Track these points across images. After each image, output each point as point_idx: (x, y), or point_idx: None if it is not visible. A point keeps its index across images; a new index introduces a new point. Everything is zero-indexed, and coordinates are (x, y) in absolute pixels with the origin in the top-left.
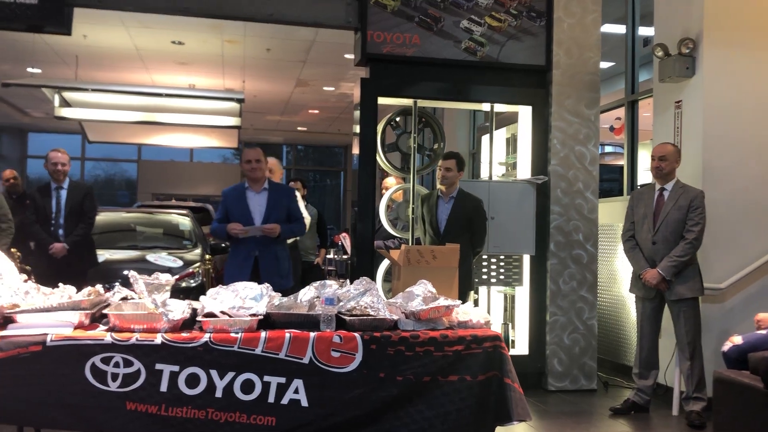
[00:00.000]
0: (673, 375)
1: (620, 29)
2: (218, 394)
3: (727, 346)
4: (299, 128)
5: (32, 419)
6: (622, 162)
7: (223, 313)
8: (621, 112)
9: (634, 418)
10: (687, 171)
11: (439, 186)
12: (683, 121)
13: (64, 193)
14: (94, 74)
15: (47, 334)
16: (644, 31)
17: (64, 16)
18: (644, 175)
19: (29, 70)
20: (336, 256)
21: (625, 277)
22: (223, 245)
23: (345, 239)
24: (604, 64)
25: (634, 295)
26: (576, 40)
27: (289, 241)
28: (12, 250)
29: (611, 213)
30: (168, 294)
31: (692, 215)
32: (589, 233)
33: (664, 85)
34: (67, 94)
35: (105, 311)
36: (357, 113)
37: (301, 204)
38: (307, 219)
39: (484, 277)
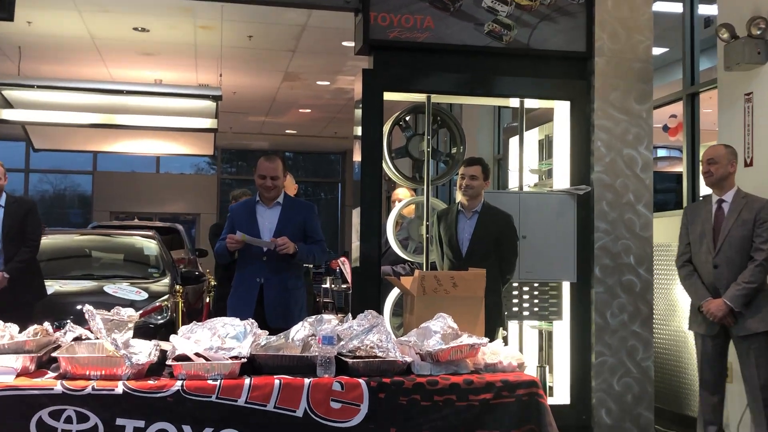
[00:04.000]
0: (748, 428)
1: (676, 7)
2: None
3: None
4: (288, 131)
5: None
6: (680, 168)
7: (198, 355)
8: (678, 107)
9: None
10: (759, 178)
11: (459, 199)
12: (755, 117)
13: (1, 212)
14: (41, 68)
15: None
16: (705, 9)
17: None
18: None
19: None
20: (334, 286)
21: (687, 307)
22: (196, 273)
23: (344, 264)
24: (657, 50)
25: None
26: (623, 21)
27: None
28: None
29: (668, 230)
30: (131, 333)
31: (760, 231)
32: (642, 255)
33: (730, 74)
34: (8, 93)
35: (54, 354)
36: (358, 112)
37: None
38: None
39: (515, 309)
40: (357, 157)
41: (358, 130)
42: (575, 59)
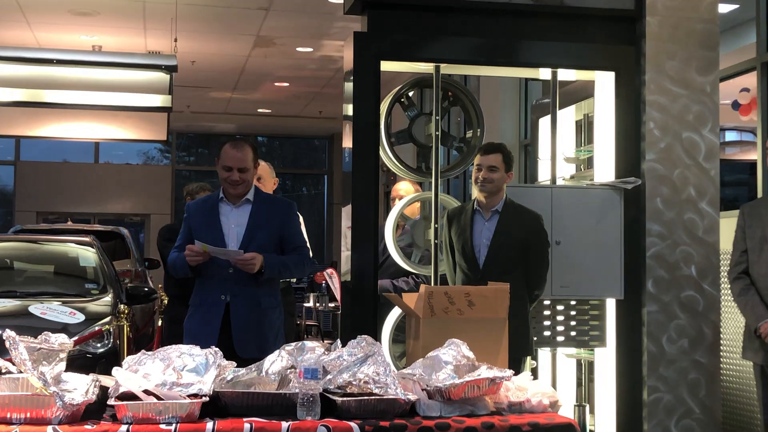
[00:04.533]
0: None
1: None
2: None
3: None
4: (260, 110)
5: None
6: (754, 156)
7: (148, 393)
8: (751, 79)
9: None
10: None
11: (475, 195)
12: None
13: None
14: None
15: None
16: None
17: None
18: None
19: None
20: (319, 305)
21: None
22: (146, 289)
23: (332, 278)
24: (725, 7)
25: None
26: None
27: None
28: None
29: None
30: (63, 365)
31: None
32: (706, 265)
33: None
34: None
35: None
36: (349, 86)
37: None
38: None
39: (547, 334)
40: (347, 142)
41: (349, 109)
42: (622, 19)
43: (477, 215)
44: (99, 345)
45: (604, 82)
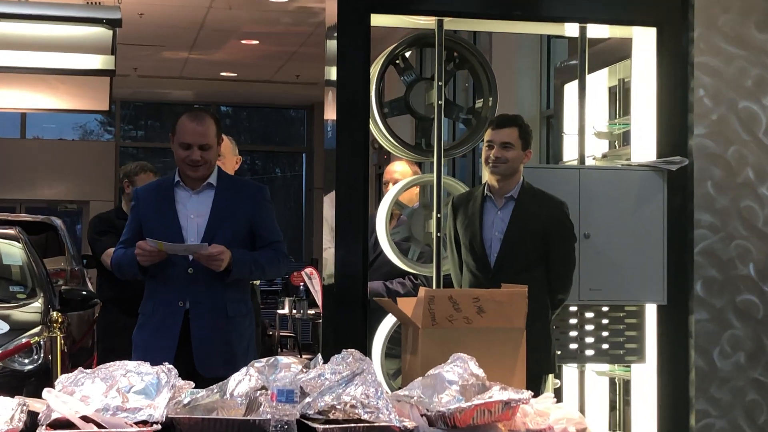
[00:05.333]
0: None
1: None
2: None
3: None
4: (224, 74)
5: None
6: None
7: (86, 420)
8: None
9: None
10: None
11: (486, 178)
12: None
13: None
14: None
15: None
16: None
17: None
18: None
19: None
20: (296, 311)
21: None
22: (84, 293)
23: (312, 279)
24: None
25: None
26: None
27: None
28: None
29: None
30: None
31: None
32: (767, 263)
33: None
34: None
35: None
36: (332, 45)
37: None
38: None
39: (574, 346)
40: (330, 114)
41: (333, 73)
42: None
43: (488, 203)
44: (27, 361)
45: (644, 40)
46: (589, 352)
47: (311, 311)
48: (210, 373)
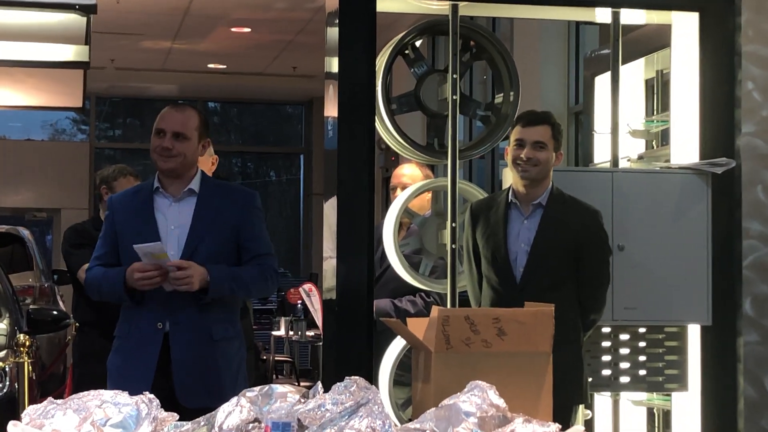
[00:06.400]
0: None
1: None
2: None
3: None
4: (211, 66)
5: None
6: None
7: None
8: None
9: None
10: None
11: (511, 182)
12: None
13: None
14: None
15: None
16: None
17: None
18: None
19: None
20: (293, 333)
21: None
22: (54, 313)
23: (311, 296)
24: None
25: None
26: None
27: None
28: None
29: None
30: None
31: None
32: None
33: None
34: None
35: None
36: (333, 33)
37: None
38: None
39: (607, 372)
40: (331, 110)
41: (334, 65)
42: None
43: (513, 210)
44: None
45: (685, 26)
46: (624, 379)
47: (310, 333)
48: (192, 403)
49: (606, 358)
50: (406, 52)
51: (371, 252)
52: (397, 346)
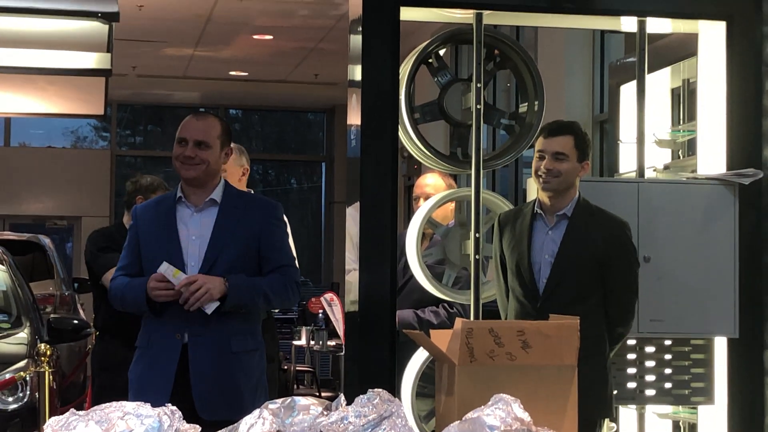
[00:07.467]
0: None
1: None
2: None
3: None
4: (233, 73)
5: None
6: None
7: None
8: None
9: None
10: None
11: (538, 193)
12: None
13: None
14: None
15: None
16: None
17: None
18: None
19: None
20: (314, 343)
21: None
22: (75, 322)
23: (332, 306)
24: None
25: None
26: None
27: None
28: None
29: None
30: None
31: None
32: None
33: None
34: None
35: None
36: (356, 41)
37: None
38: None
39: (632, 386)
40: (354, 118)
41: (357, 72)
42: None
43: (538, 221)
44: (11, 399)
45: (712, 35)
46: (650, 392)
47: (331, 343)
48: (212, 415)
49: (631, 370)
50: (430, 60)
51: (394, 262)
52: (419, 357)
